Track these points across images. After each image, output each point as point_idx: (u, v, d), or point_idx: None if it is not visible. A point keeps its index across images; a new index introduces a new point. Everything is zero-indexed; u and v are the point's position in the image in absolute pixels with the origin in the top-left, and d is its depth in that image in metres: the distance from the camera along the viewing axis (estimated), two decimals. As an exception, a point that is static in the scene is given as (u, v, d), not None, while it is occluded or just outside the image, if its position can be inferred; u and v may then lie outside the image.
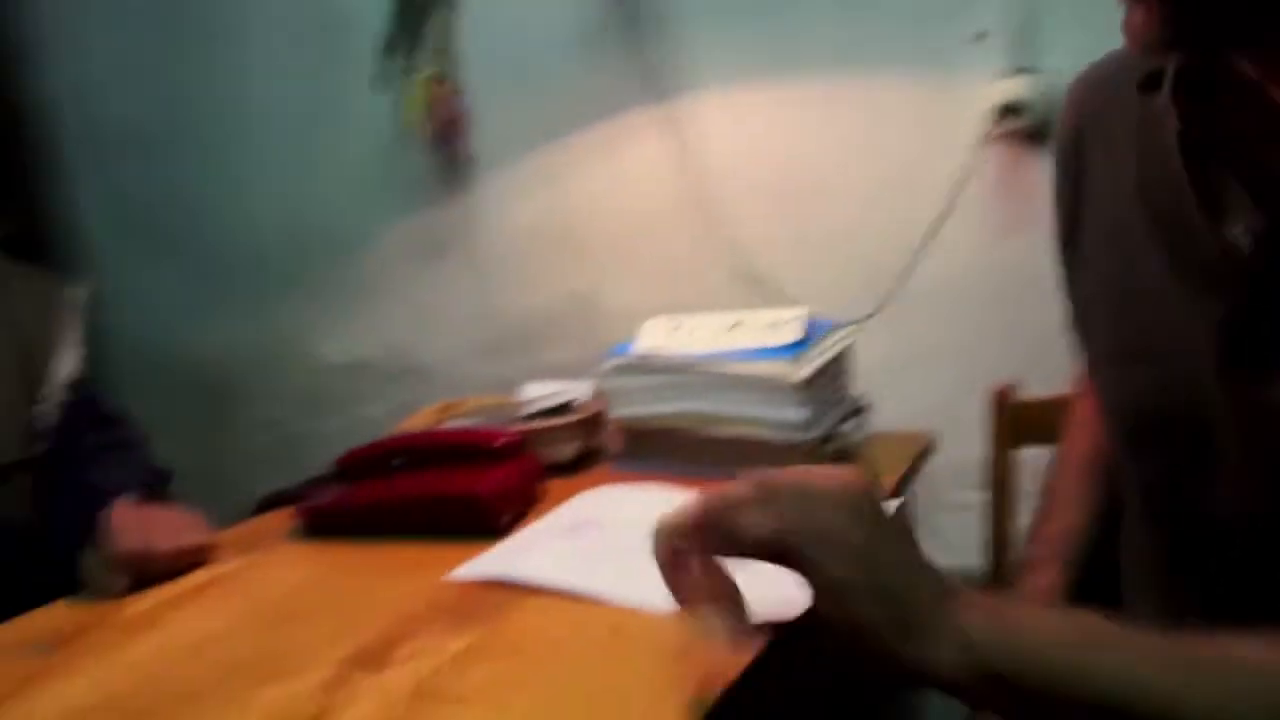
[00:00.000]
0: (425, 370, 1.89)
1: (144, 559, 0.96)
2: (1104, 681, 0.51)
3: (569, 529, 1.00)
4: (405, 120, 1.66)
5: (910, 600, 0.53)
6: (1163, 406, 0.67)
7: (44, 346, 1.15)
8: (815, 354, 1.15)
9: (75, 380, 1.17)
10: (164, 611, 0.91)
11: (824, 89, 1.45)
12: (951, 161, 1.38)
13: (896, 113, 1.42)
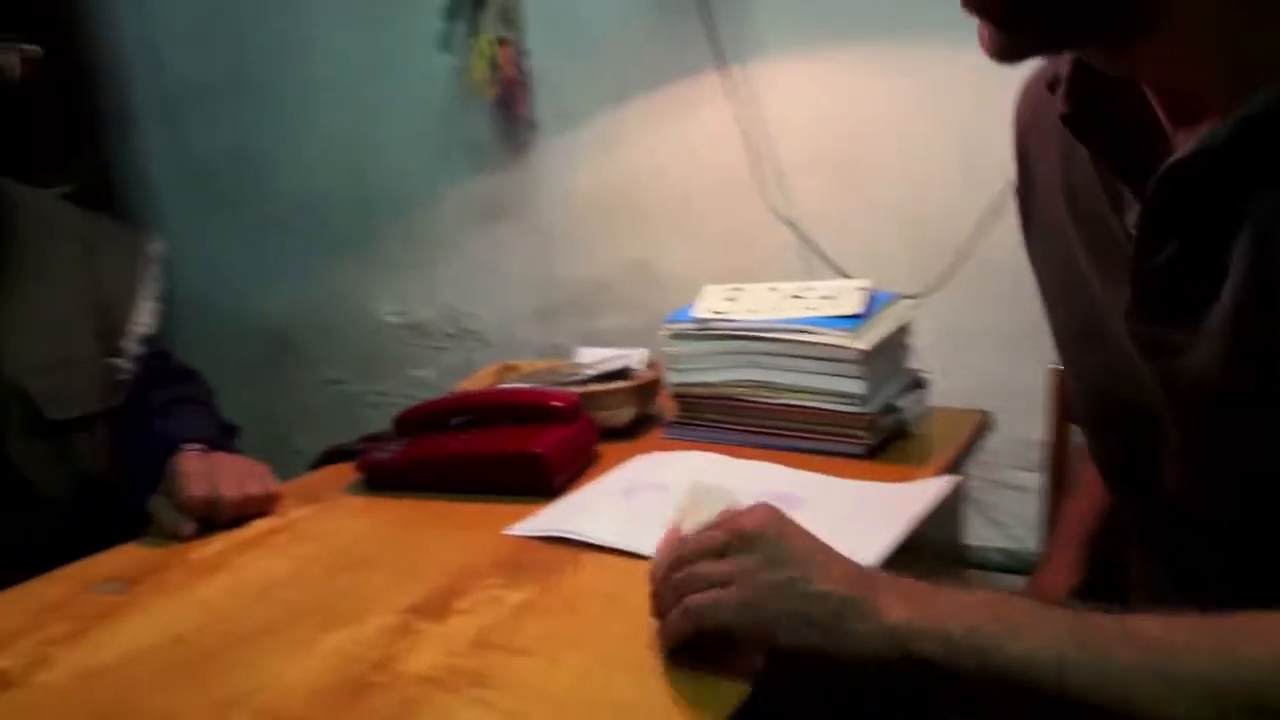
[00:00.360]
0: (480, 333, 1.91)
1: (210, 505, 0.98)
2: (1014, 657, 0.55)
3: (625, 491, 1.01)
4: (470, 83, 1.66)
5: (827, 601, 0.60)
6: (1110, 388, 0.70)
7: (124, 300, 1.17)
8: (876, 326, 1.13)
9: (150, 334, 1.19)
10: (231, 556, 0.94)
11: (891, 57, 1.43)
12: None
13: (964, 83, 1.39)
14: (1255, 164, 0.54)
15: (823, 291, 1.17)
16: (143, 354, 1.16)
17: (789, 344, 1.12)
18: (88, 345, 1.11)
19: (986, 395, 1.41)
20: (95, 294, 1.13)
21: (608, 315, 1.75)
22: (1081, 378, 0.78)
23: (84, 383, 1.09)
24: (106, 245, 1.17)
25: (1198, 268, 0.58)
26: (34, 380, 1.03)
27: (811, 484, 1.01)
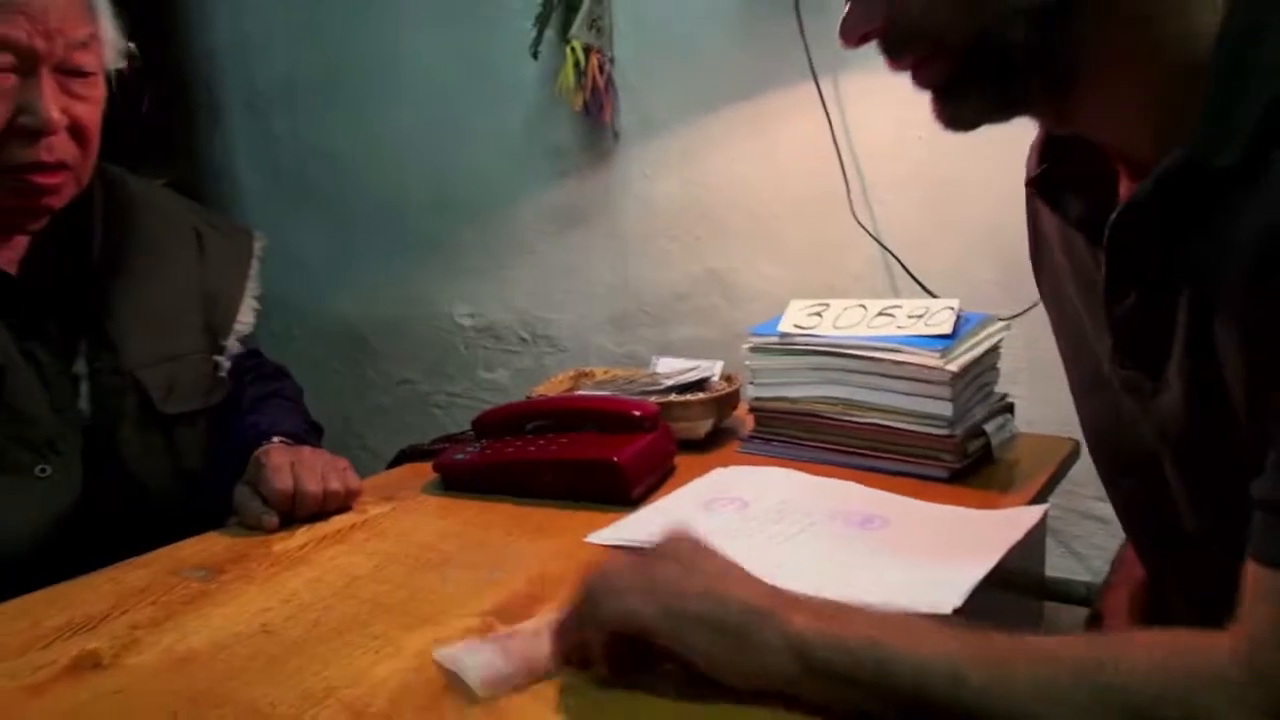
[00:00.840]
0: (553, 338, 1.91)
1: (292, 498, 0.98)
2: (911, 668, 0.57)
3: (706, 504, 1.00)
4: (556, 89, 1.66)
5: (737, 610, 0.62)
6: (1115, 431, 0.73)
7: (231, 297, 1.18)
8: (965, 348, 1.11)
9: (249, 333, 1.20)
10: (313, 550, 0.94)
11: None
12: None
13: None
14: (1183, 216, 0.57)
15: (911, 310, 1.14)
16: (240, 352, 1.18)
17: (876, 362, 1.10)
18: (196, 340, 1.13)
19: (1072, 423, 1.37)
20: (204, 289, 1.15)
21: (682, 325, 1.75)
22: (1090, 426, 0.82)
23: (191, 377, 1.10)
24: (216, 240, 1.18)
25: (1156, 315, 0.61)
26: (148, 373, 1.05)
27: (895, 506, 0.99)
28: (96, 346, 1.03)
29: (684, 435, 1.20)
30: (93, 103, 0.97)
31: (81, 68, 0.95)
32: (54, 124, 0.92)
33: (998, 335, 1.17)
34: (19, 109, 0.91)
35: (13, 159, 0.92)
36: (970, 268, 1.45)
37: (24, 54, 0.90)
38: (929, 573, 0.82)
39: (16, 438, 0.94)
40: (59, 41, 0.91)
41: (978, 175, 1.43)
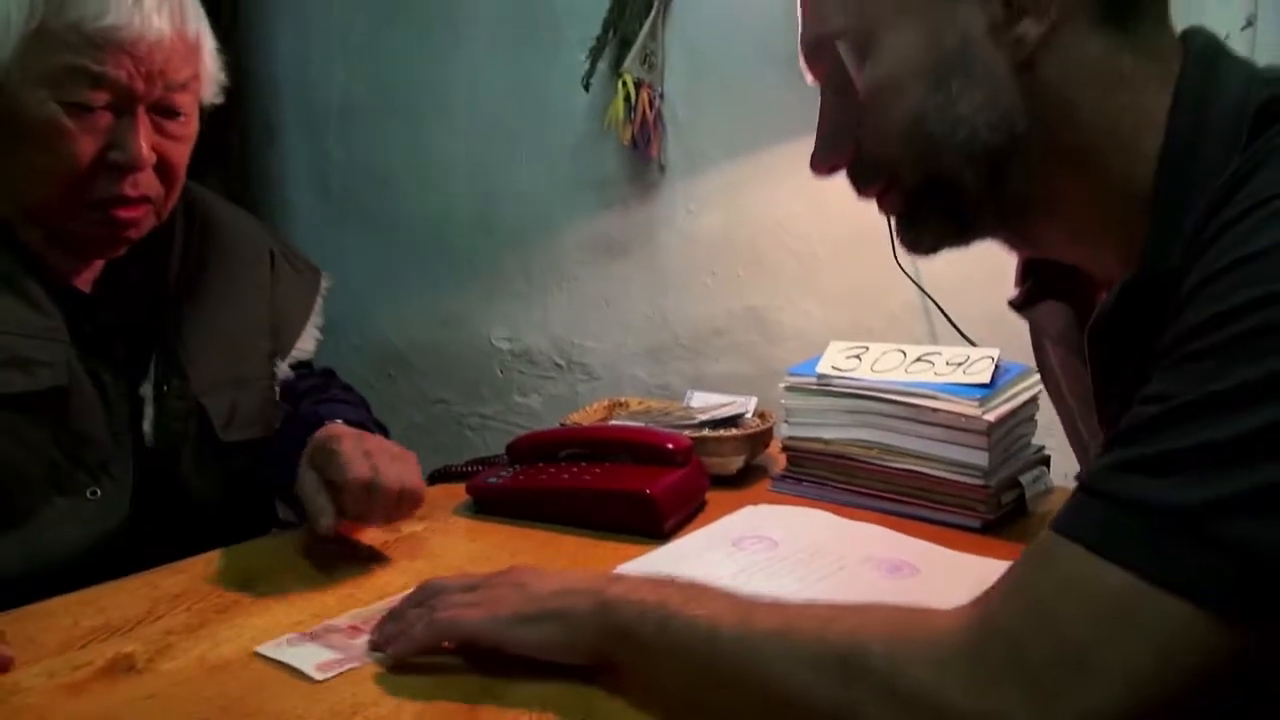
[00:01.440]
0: (588, 366, 1.92)
1: (368, 491, 0.90)
2: (682, 623, 0.64)
3: (735, 542, 1.00)
4: (606, 121, 1.68)
5: (557, 596, 0.71)
6: None
7: (295, 322, 1.18)
8: (1004, 398, 1.11)
9: (306, 360, 1.20)
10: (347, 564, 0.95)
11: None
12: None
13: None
14: (1146, 321, 0.59)
15: (950, 357, 1.15)
16: (290, 379, 1.16)
17: (913, 408, 1.10)
18: (262, 365, 1.13)
19: (1108, 479, 1.36)
20: (273, 311, 1.15)
21: (718, 360, 1.75)
22: None
23: (254, 403, 1.09)
24: (288, 269, 1.19)
25: None
26: (213, 399, 1.04)
27: (927, 554, 0.98)
28: (165, 369, 1.02)
29: (716, 470, 1.21)
30: (184, 141, 0.97)
31: (177, 108, 0.95)
32: (143, 162, 0.92)
33: (1036, 387, 1.16)
34: (110, 144, 0.90)
35: (99, 192, 0.92)
36: (1011, 317, 1.43)
37: (122, 93, 0.89)
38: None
39: (73, 458, 0.93)
40: (159, 83, 0.91)
41: (1022, 225, 1.43)
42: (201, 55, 0.96)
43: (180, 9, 0.92)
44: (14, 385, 0.88)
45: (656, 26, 1.67)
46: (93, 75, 0.87)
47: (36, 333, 0.91)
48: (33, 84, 0.87)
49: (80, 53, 0.86)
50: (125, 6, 0.87)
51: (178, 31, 0.91)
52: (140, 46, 0.88)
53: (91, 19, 0.85)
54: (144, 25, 0.88)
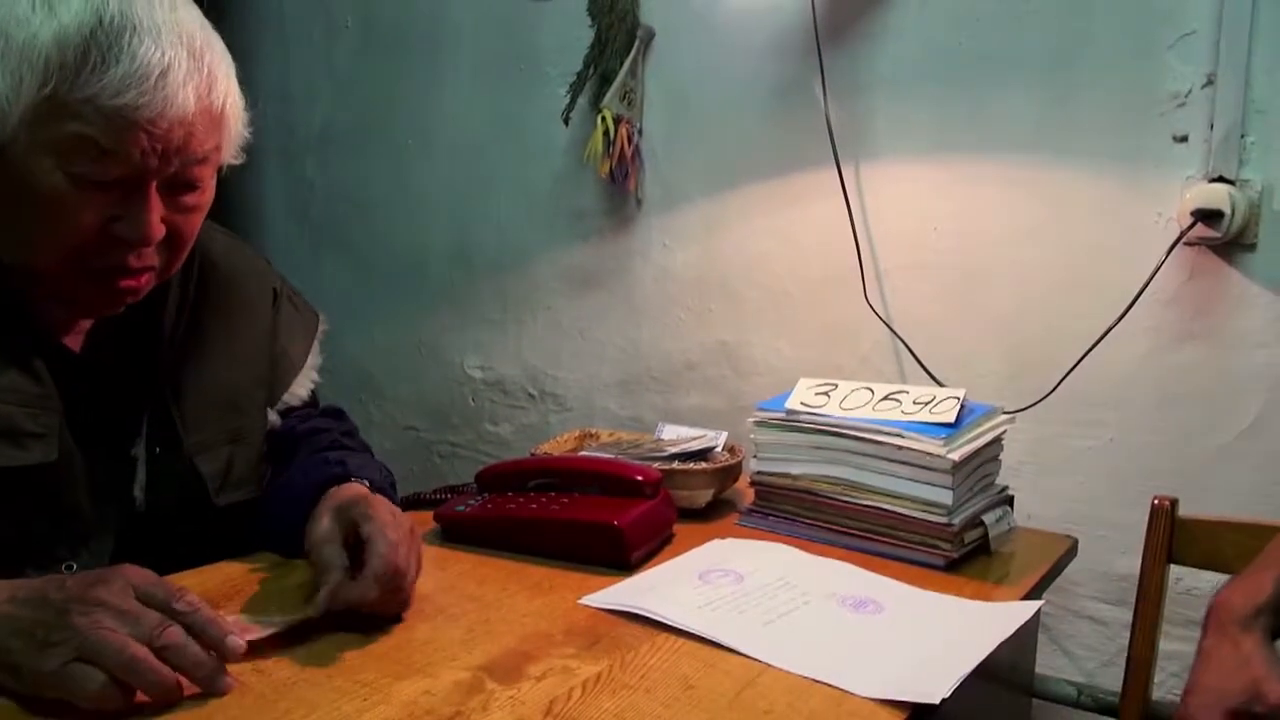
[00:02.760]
0: (560, 396, 1.93)
1: (394, 583, 0.85)
2: None
3: (701, 574, 1.00)
4: (585, 155, 1.70)
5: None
6: None
7: (292, 362, 1.13)
8: (968, 437, 1.12)
9: (306, 403, 1.16)
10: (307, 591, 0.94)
11: (1008, 173, 1.43)
12: (1130, 262, 1.34)
13: (1080, 206, 1.38)
14: None
15: (917, 396, 1.16)
16: (283, 426, 1.12)
17: (880, 445, 1.11)
18: (256, 418, 1.07)
19: (1070, 521, 1.38)
20: (272, 350, 1.10)
21: (689, 394, 1.76)
22: None
23: (250, 460, 1.05)
24: (290, 308, 1.14)
25: None
26: (208, 460, 0.99)
27: (891, 591, 0.99)
28: (158, 430, 0.97)
29: (684, 504, 1.21)
30: (197, 211, 0.90)
31: (194, 181, 0.87)
32: (151, 239, 0.85)
33: (1001, 428, 1.19)
34: (116, 216, 0.83)
35: (101, 262, 0.85)
36: (978, 359, 1.47)
37: (134, 170, 0.81)
38: (919, 661, 0.83)
39: (54, 531, 0.88)
40: (175, 160, 0.83)
41: (991, 268, 1.45)
42: (226, 124, 0.87)
43: (209, 79, 0.83)
44: (1, 458, 0.83)
45: (637, 64, 1.70)
46: (102, 149, 0.79)
47: (29, 401, 0.86)
48: (40, 151, 0.79)
49: (91, 124, 0.78)
50: (147, 85, 0.78)
51: (203, 106, 0.83)
52: (159, 124, 0.80)
53: (109, 96, 0.77)
54: (166, 104, 0.79)
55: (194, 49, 0.82)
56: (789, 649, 0.84)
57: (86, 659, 0.68)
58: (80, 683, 0.67)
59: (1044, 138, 1.40)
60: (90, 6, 0.78)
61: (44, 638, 0.68)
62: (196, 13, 0.86)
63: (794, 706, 0.75)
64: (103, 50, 0.77)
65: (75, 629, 0.68)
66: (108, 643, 0.68)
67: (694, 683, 0.78)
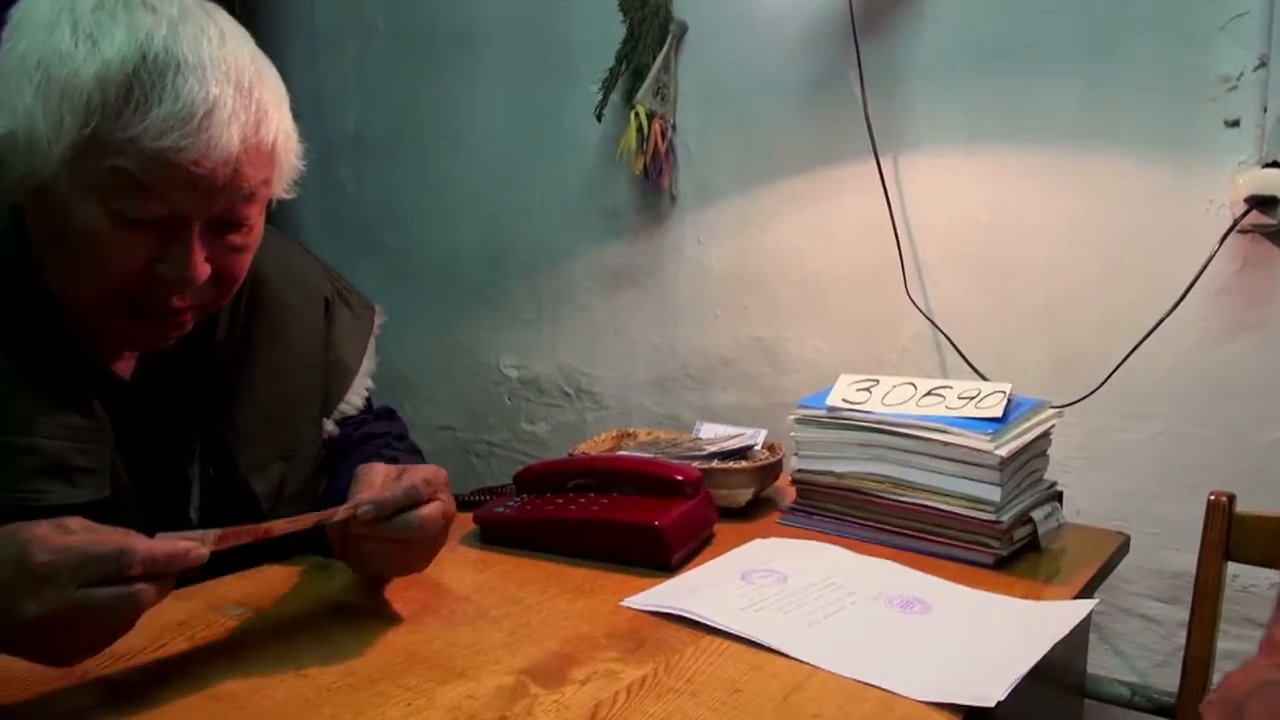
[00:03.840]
0: (596, 395, 1.92)
1: (424, 499, 0.85)
2: None
3: (744, 575, 0.99)
4: (618, 152, 1.69)
5: None
6: None
7: (345, 372, 1.11)
8: (1016, 433, 1.10)
9: (362, 409, 1.15)
10: (350, 594, 0.94)
11: (1052, 162, 1.40)
12: (1179, 252, 1.30)
13: (1126, 195, 1.35)
14: None
15: (962, 391, 1.14)
16: (339, 435, 1.11)
17: (925, 442, 1.09)
18: (309, 432, 1.06)
19: (1120, 517, 1.35)
20: (326, 360, 1.08)
21: (726, 391, 1.74)
22: None
23: (302, 475, 1.04)
24: (343, 311, 1.12)
25: None
26: (260, 479, 0.98)
27: (939, 590, 0.97)
28: (211, 449, 0.96)
29: (724, 503, 1.20)
30: (245, 251, 0.87)
31: (241, 220, 0.84)
32: (194, 281, 0.82)
33: (1049, 422, 1.16)
34: (159, 257, 0.81)
35: (144, 300, 0.83)
36: (1022, 352, 1.44)
37: (177, 210, 0.79)
38: (971, 662, 0.81)
39: None
40: (221, 199, 0.80)
41: (1035, 260, 1.42)
42: (276, 159, 0.85)
43: (257, 115, 0.80)
44: (53, 496, 0.81)
45: (670, 59, 1.68)
46: (143, 186, 0.77)
47: (81, 436, 0.85)
48: (81, 190, 0.78)
49: (133, 162, 0.76)
50: (190, 126, 0.75)
51: (250, 144, 0.80)
52: (203, 165, 0.77)
53: (151, 137, 0.75)
54: (210, 145, 0.76)
55: (242, 85, 0.79)
56: (836, 651, 0.82)
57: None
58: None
59: (1088, 125, 1.37)
60: (134, 41, 0.76)
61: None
62: (249, 45, 0.84)
63: (844, 710, 0.73)
64: (145, 89, 0.75)
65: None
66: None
67: (740, 686, 0.77)
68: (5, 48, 0.79)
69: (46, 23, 0.77)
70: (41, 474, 0.83)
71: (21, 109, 0.76)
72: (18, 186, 0.80)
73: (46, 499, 0.80)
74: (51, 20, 0.77)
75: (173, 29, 0.77)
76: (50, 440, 0.84)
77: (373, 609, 0.91)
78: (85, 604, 0.65)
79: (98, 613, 0.66)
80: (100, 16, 0.77)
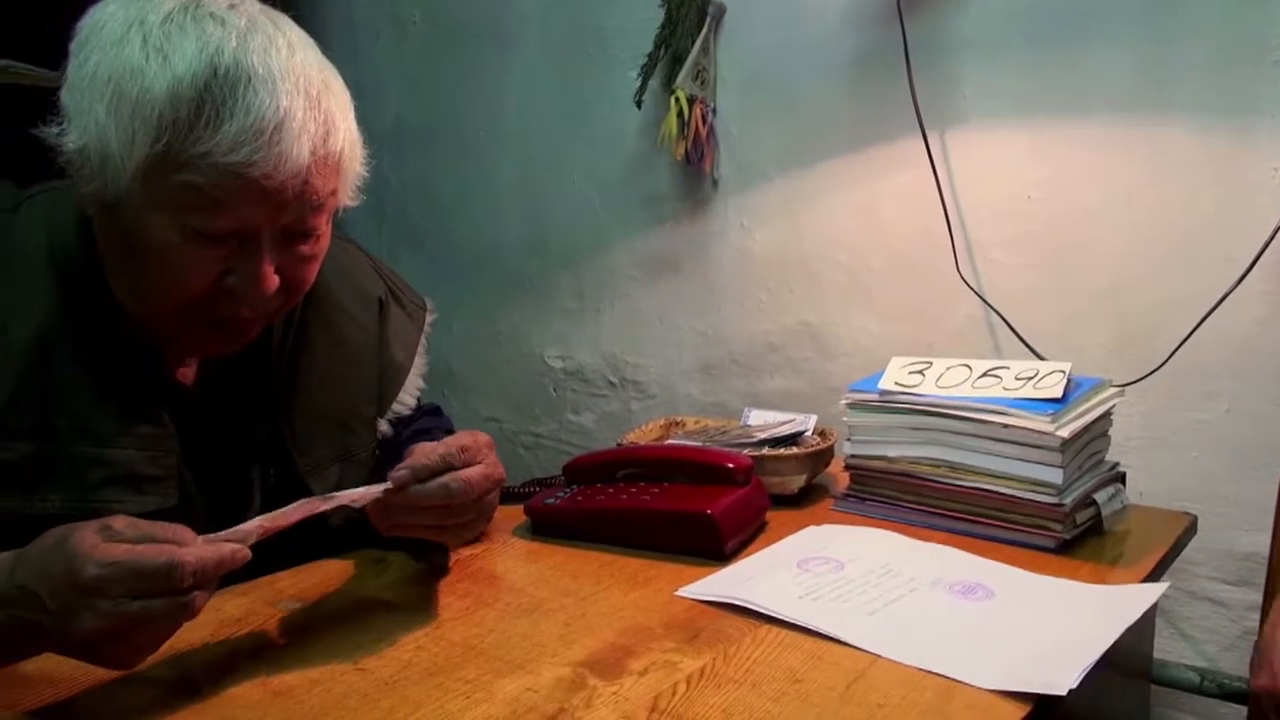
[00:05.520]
0: (641, 384, 1.91)
1: (473, 460, 0.86)
2: None
3: (799, 563, 0.97)
4: (658, 138, 1.67)
5: None
6: None
7: (398, 372, 1.11)
8: (1077, 413, 1.07)
9: (414, 409, 1.15)
10: (404, 587, 0.95)
11: (1106, 133, 1.35)
12: (1243, 223, 1.26)
13: (1185, 165, 1.30)
14: None
15: (1019, 372, 1.11)
16: (391, 435, 1.10)
17: (983, 424, 1.06)
18: (365, 434, 1.06)
19: (1184, 498, 1.31)
20: (380, 361, 1.08)
21: (772, 377, 1.72)
22: None
23: (360, 476, 1.03)
24: (396, 311, 1.12)
25: None
26: (319, 481, 0.98)
27: (1001, 576, 0.95)
28: (272, 452, 0.97)
29: (776, 490, 1.18)
30: (313, 260, 0.88)
31: (309, 230, 0.84)
32: (264, 293, 0.83)
33: (1111, 401, 1.13)
34: (230, 270, 0.82)
35: (214, 312, 0.84)
36: (1080, 330, 1.40)
37: (248, 223, 0.80)
38: (1039, 649, 0.79)
39: None
40: (291, 211, 0.80)
41: (1092, 236, 1.38)
42: (343, 169, 0.85)
43: (325, 125, 0.80)
44: (124, 506, 0.82)
45: (709, 42, 1.66)
46: (214, 200, 0.77)
47: (149, 444, 0.86)
48: (153, 205, 0.78)
49: (204, 177, 0.76)
50: (261, 140, 0.75)
51: (319, 155, 0.80)
52: (274, 179, 0.77)
53: (222, 152, 0.75)
54: (280, 159, 0.76)
55: (311, 95, 0.79)
56: (898, 639, 0.80)
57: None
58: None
59: (1143, 94, 1.33)
60: (204, 56, 0.75)
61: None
62: (315, 53, 0.84)
63: (908, 699, 0.72)
64: (216, 104, 0.75)
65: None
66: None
67: (801, 676, 0.75)
68: (76, 62, 0.79)
69: (117, 37, 0.77)
70: (112, 483, 0.84)
71: (94, 125, 0.76)
72: (89, 201, 0.81)
73: (117, 508, 0.80)
74: (122, 34, 0.77)
75: (242, 41, 0.77)
76: (121, 450, 0.85)
77: (426, 602, 0.91)
78: (140, 615, 0.65)
79: (153, 621, 0.67)
80: (169, 29, 0.76)
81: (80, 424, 0.84)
